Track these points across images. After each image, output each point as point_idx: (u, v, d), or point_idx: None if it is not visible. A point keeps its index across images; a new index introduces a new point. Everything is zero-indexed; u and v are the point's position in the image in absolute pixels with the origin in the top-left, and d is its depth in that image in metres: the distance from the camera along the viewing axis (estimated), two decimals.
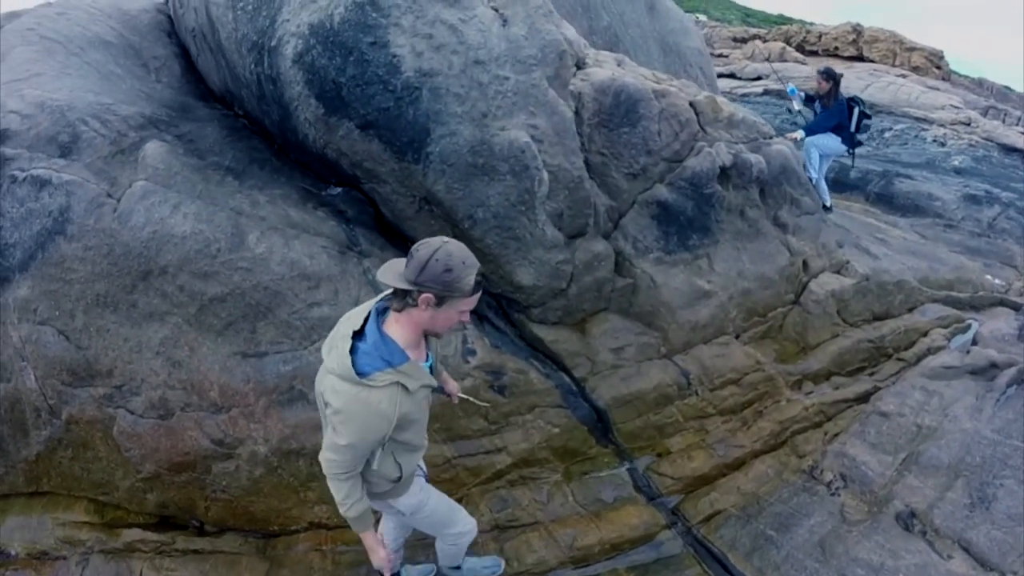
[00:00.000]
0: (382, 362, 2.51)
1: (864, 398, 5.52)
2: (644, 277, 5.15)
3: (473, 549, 3.78)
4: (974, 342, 6.22)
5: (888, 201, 10.07)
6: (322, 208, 4.88)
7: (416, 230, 4.81)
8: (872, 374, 5.90)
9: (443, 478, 4.37)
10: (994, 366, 5.57)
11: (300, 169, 5.16)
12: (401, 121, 4.40)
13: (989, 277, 8.38)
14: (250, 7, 4.78)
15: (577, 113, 4.91)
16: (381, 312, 2.64)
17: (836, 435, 5.15)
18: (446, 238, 2.51)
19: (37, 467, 4.36)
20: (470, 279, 2.45)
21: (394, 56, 4.37)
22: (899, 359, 6.10)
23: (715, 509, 4.67)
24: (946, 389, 5.36)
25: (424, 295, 2.42)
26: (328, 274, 4.45)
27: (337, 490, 2.78)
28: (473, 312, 4.83)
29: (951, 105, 14.39)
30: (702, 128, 5.47)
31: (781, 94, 13.26)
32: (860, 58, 19.08)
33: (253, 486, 4.25)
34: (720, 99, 5.73)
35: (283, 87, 4.66)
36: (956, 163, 11.85)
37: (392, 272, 2.49)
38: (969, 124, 13.67)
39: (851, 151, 8.43)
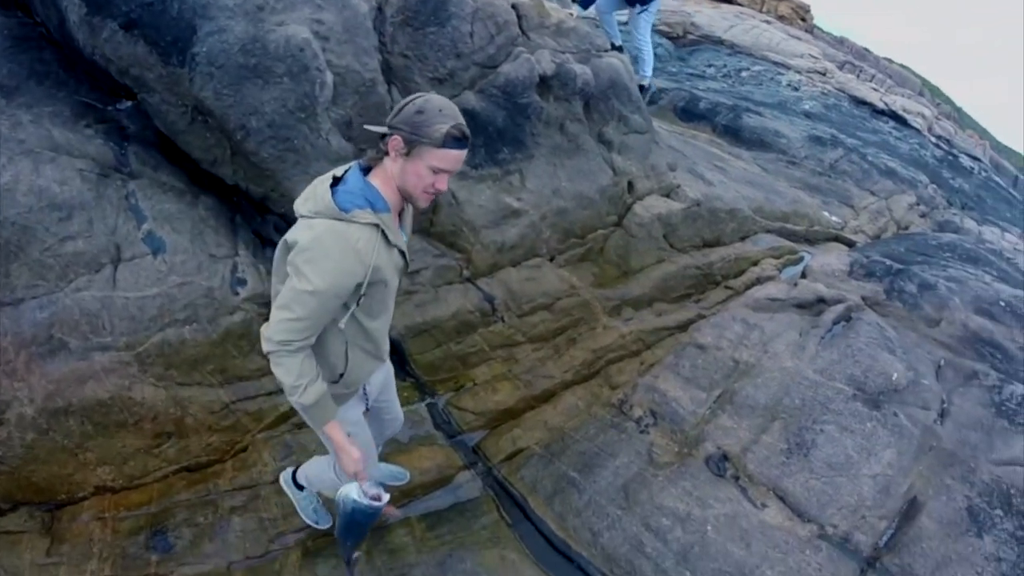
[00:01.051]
0: (364, 201, 2.20)
1: (687, 326, 5.00)
2: (445, 193, 4.46)
3: None
4: (803, 275, 5.69)
5: (735, 134, 9.59)
6: (99, 125, 4.06)
7: (191, 145, 4.04)
8: (698, 301, 5.41)
9: (223, 425, 3.76)
10: (821, 301, 5.05)
11: (90, 82, 4.29)
12: (165, 17, 3.63)
13: (826, 214, 8.07)
14: None
15: (380, 9, 4.20)
16: (363, 169, 2.30)
17: (652, 365, 4.60)
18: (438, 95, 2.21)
19: None
20: (441, 127, 2.09)
21: None
22: (727, 287, 5.60)
23: (518, 447, 4.10)
24: (768, 323, 4.83)
25: (393, 138, 2.14)
26: (81, 202, 3.65)
27: (287, 370, 2.29)
28: (256, 234, 4.13)
29: (810, 55, 14.11)
30: (524, 33, 4.81)
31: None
32: (729, 0, 18.48)
33: (28, 453, 3.50)
34: (550, 5, 5.04)
35: None
36: (806, 107, 11.53)
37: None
38: (824, 74, 13.44)
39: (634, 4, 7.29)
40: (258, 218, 4.22)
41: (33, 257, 3.50)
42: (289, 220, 4.13)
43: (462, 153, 2.18)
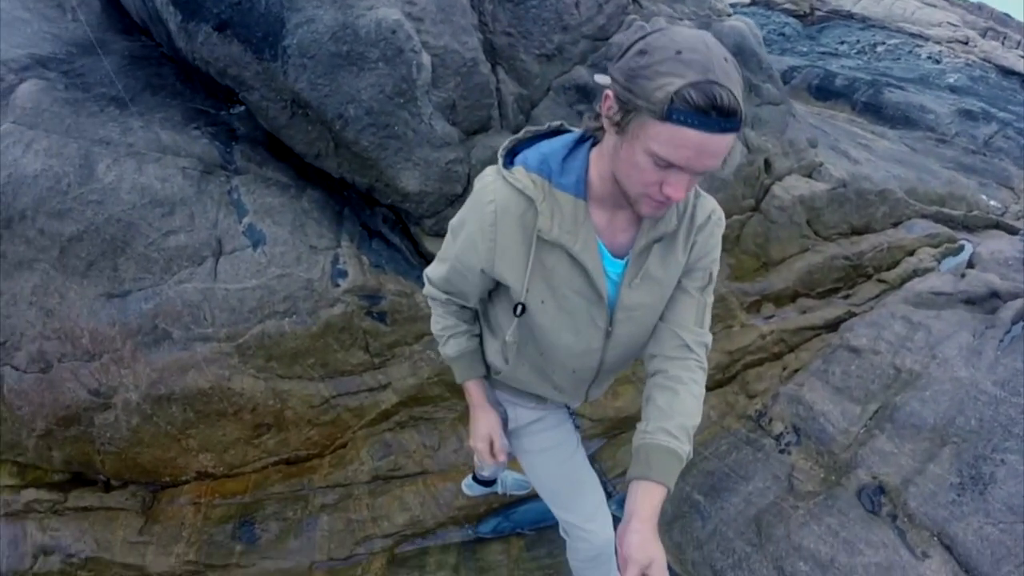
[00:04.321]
0: (545, 167, 1.40)
1: (835, 325, 4.15)
2: None
3: None
4: (970, 264, 4.60)
5: (876, 111, 8.36)
6: (208, 128, 4.00)
7: (294, 139, 3.82)
8: (847, 297, 4.56)
9: (322, 420, 3.69)
10: (995, 295, 3.96)
11: (205, 91, 4.27)
12: (254, 14, 3.49)
13: (984, 197, 6.84)
14: None
15: None
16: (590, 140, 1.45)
17: (796, 371, 3.81)
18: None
19: None
20: (670, 83, 1.12)
21: None
22: (880, 280, 4.71)
23: None
24: (935, 321, 3.82)
25: (605, 94, 1.25)
26: (182, 197, 3.60)
27: (433, 320, 1.83)
28: (363, 227, 3.76)
29: (948, 23, 12.47)
30: (634, 0, 4.18)
31: (769, 4, 11.53)
32: None
33: (134, 436, 3.60)
34: None
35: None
36: (951, 80, 10.09)
37: None
38: (967, 43, 11.84)
39: None
40: (367, 210, 3.98)
41: (138, 251, 3.51)
42: (399, 212, 3.83)
43: (708, 137, 1.15)
